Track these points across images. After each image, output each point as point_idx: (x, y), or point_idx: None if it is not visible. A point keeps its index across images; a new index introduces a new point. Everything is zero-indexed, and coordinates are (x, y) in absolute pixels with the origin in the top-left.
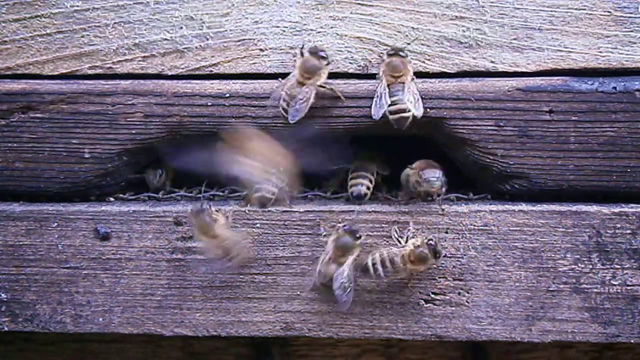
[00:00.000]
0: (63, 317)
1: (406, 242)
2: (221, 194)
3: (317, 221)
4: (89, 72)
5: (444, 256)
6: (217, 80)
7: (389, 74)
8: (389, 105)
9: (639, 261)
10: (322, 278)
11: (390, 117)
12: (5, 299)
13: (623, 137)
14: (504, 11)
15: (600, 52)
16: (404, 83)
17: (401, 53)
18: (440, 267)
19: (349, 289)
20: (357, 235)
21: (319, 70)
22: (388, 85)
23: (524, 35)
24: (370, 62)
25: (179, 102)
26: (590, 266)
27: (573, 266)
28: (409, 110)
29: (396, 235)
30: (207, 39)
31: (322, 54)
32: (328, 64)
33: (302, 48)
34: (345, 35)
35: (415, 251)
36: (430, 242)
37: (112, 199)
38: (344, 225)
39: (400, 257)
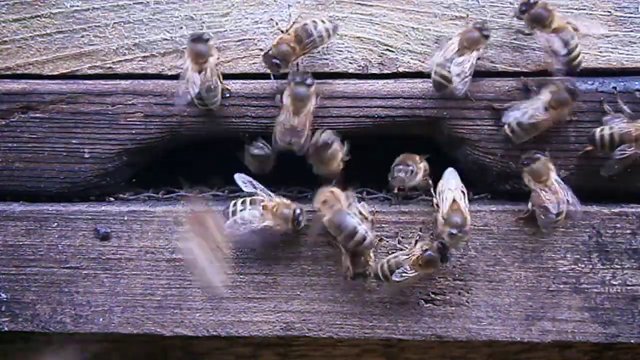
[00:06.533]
0: (63, 317)
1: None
2: (221, 193)
3: None
4: (89, 72)
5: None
6: None
7: None
8: None
9: (639, 261)
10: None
11: None
12: (5, 299)
13: None
14: (504, 11)
15: (600, 52)
16: None
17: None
18: (440, 267)
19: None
20: None
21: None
22: None
23: (524, 35)
24: (370, 62)
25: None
26: (590, 266)
27: (573, 266)
28: None
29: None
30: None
31: None
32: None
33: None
34: (345, 35)
35: (423, 255)
36: (440, 244)
37: (112, 199)
38: None
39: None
